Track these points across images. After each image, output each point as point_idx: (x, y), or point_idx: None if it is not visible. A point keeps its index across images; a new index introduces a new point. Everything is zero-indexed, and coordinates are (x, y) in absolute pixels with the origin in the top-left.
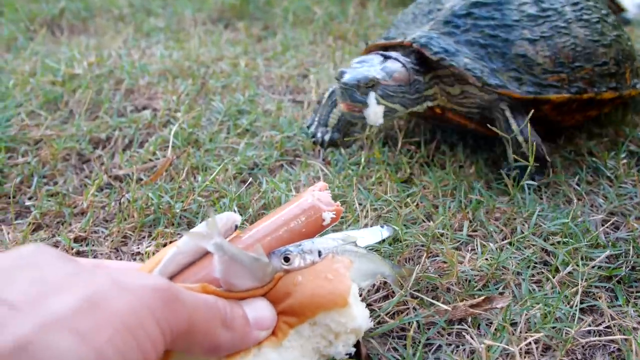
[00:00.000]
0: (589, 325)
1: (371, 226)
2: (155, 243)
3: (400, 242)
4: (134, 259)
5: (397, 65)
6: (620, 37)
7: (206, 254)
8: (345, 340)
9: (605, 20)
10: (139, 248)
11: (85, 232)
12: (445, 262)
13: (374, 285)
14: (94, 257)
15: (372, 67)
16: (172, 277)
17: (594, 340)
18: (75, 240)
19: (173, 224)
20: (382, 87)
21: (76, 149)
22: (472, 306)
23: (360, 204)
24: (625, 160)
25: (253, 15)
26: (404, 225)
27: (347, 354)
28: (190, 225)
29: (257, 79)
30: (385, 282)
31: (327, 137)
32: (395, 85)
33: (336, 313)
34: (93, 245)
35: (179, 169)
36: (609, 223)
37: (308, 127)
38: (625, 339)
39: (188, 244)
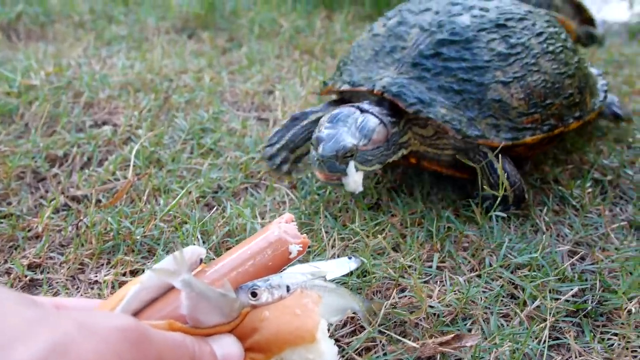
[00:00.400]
0: None
1: (338, 257)
2: (114, 271)
3: (369, 274)
4: (92, 288)
5: (374, 123)
6: (580, 61)
7: (170, 289)
8: None
9: (566, 47)
10: (96, 276)
11: (40, 258)
12: (414, 297)
13: (341, 320)
14: (49, 285)
15: (347, 127)
16: (135, 314)
17: None
18: (29, 267)
19: (133, 251)
20: (361, 153)
21: (31, 167)
22: (441, 344)
23: (327, 233)
24: (590, 189)
25: (218, 26)
26: (372, 256)
27: None
28: (151, 252)
29: (221, 94)
30: (352, 317)
31: (285, 168)
32: (374, 147)
33: (303, 349)
34: (48, 272)
35: (140, 190)
36: (577, 256)
37: (269, 145)
38: None
39: (152, 280)
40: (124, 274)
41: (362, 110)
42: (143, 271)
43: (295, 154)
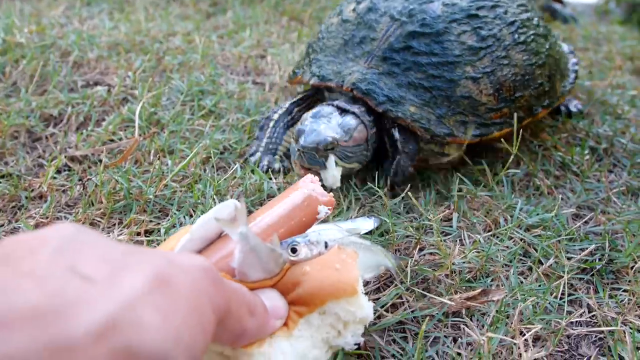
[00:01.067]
0: (577, 317)
1: (356, 217)
2: (127, 231)
3: (388, 233)
4: None
5: (355, 122)
6: (551, 46)
7: (212, 242)
8: (354, 330)
9: (538, 34)
10: (109, 236)
11: (47, 218)
12: (433, 254)
13: (375, 276)
14: None
15: (329, 122)
16: None
17: (579, 330)
18: (36, 227)
19: (145, 211)
20: (341, 148)
21: (26, 126)
22: (468, 299)
23: (344, 194)
24: (587, 157)
25: None
26: (388, 215)
27: (355, 344)
28: (164, 212)
29: (213, 57)
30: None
31: (276, 166)
32: (353, 145)
33: (345, 302)
34: None
35: (144, 151)
36: (580, 219)
37: (251, 155)
38: (610, 331)
39: (200, 231)
40: (139, 234)
41: (343, 110)
42: (158, 231)
43: (278, 153)
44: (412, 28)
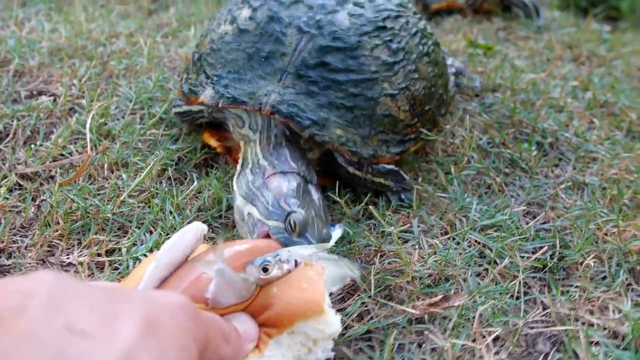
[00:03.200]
0: (533, 316)
1: None
2: (87, 252)
3: (350, 243)
4: (66, 270)
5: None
6: (443, 55)
7: (178, 267)
8: (324, 346)
9: (434, 42)
10: (69, 258)
11: (2, 242)
12: (395, 262)
13: (341, 289)
14: (20, 271)
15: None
16: None
17: (535, 328)
18: None
19: (104, 230)
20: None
21: None
22: (430, 305)
23: None
24: (535, 152)
25: None
26: (349, 223)
27: (326, 359)
28: (123, 230)
29: (159, 60)
30: None
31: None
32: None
33: (314, 321)
34: (14, 257)
35: (97, 165)
36: (535, 217)
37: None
38: (565, 330)
39: (166, 256)
40: (99, 255)
41: (307, 181)
42: (119, 250)
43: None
44: (324, 42)
